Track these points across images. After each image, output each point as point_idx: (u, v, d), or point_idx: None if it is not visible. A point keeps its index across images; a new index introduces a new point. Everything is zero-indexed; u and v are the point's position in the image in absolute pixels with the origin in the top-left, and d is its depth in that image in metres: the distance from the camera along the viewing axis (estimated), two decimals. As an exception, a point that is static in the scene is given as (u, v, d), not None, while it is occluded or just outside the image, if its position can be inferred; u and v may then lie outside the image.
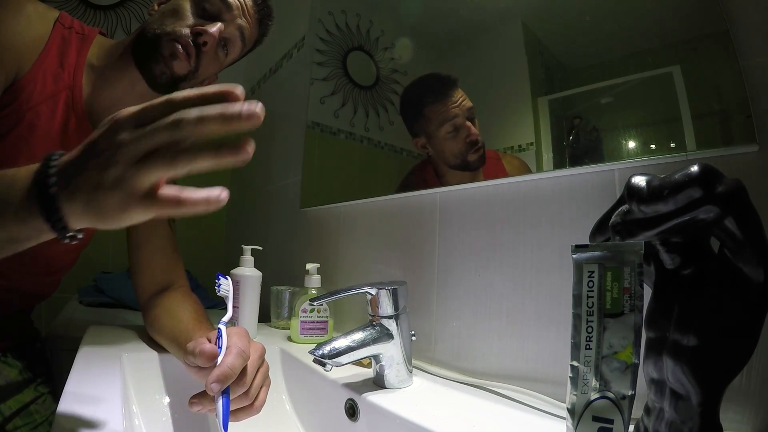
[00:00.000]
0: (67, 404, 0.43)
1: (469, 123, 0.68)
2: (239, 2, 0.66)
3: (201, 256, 1.61)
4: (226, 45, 0.67)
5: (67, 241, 0.33)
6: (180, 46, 0.61)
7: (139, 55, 0.63)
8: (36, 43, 0.60)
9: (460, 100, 0.69)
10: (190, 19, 0.63)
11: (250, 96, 1.64)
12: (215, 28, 0.63)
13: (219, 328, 0.49)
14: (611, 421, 0.32)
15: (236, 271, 0.84)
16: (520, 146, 0.60)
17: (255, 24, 0.70)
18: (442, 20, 0.77)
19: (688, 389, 0.30)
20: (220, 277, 0.59)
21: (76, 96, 0.63)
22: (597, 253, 0.33)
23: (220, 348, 0.46)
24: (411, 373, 0.57)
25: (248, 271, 0.83)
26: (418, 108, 0.78)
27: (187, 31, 0.62)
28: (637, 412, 0.36)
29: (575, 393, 0.33)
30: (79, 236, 0.34)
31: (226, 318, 0.52)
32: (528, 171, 0.57)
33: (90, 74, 0.64)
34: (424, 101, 0.77)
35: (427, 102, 0.76)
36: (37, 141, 0.60)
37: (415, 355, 0.66)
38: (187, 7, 0.64)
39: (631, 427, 0.36)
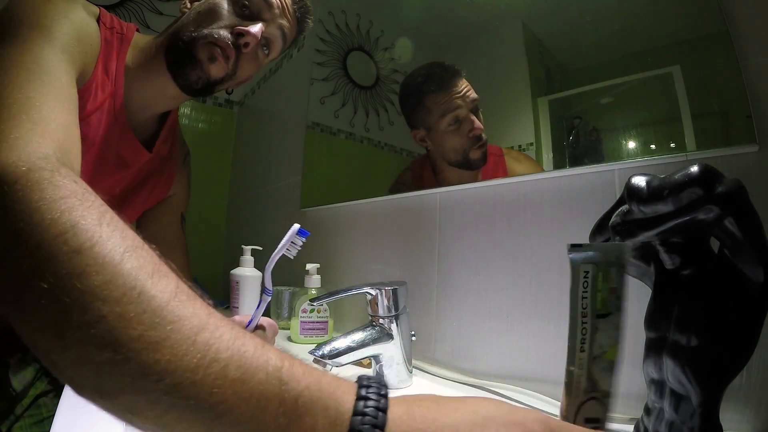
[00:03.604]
0: (68, 403, 0.43)
1: (473, 116, 0.64)
2: (280, 1, 0.63)
3: (201, 256, 1.61)
4: (267, 45, 0.64)
5: None
6: (219, 49, 0.58)
7: (172, 59, 0.59)
8: (94, 47, 0.55)
9: (464, 90, 0.65)
10: (230, 19, 0.59)
11: (250, 96, 1.64)
12: (257, 28, 0.59)
13: (264, 298, 0.49)
14: (600, 420, 0.32)
15: (236, 271, 0.84)
16: (520, 146, 0.60)
17: (295, 22, 0.67)
18: (442, 20, 0.77)
19: (688, 389, 0.30)
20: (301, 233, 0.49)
21: (117, 104, 0.59)
22: (591, 253, 0.33)
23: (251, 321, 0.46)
24: (411, 373, 0.57)
25: (248, 272, 0.83)
26: (418, 97, 0.74)
27: (226, 32, 0.59)
28: (637, 412, 0.36)
29: (568, 397, 0.33)
30: None
31: (268, 297, 0.50)
32: (536, 167, 0.57)
33: (125, 77, 0.61)
34: (425, 90, 0.72)
35: (429, 91, 0.71)
36: (84, 155, 0.58)
37: (415, 355, 0.66)
38: (225, 6, 0.60)
39: (631, 428, 0.36)
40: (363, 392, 0.24)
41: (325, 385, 0.24)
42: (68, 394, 0.45)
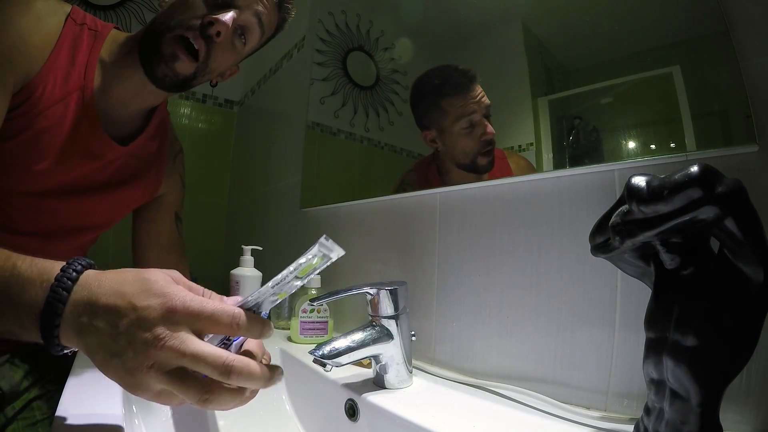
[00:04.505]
0: (68, 403, 0.43)
1: (486, 121, 0.65)
2: None
3: (201, 256, 1.61)
4: (243, 33, 0.63)
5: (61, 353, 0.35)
6: (182, 47, 0.58)
7: (142, 53, 0.60)
8: (46, 42, 0.56)
9: (480, 96, 0.67)
10: (201, 9, 0.59)
11: (250, 96, 1.64)
12: (228, 16, 0.58)
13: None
14: None
15: (236, 271, 0.84)
16: (520, 146, 0.60)
17: (273, 9, 0.66)
18: (442, 20, 0.76)
19: (688, 389, 0.30)
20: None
21: (86, 97, 0.60)
22: None
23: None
24: (411, 373, 0.57)
25: (248, 272, 0.83)
26: (434, 99, 0.74)
27: (196, 23, 0.58)
28: (637, 412, 0.36)
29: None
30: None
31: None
32: (534, 171, 0.57)
33: (101, 71, 0.61)
34: (442, 92, 0.73)
35: (446, 94, 0.72)
36: (47, 145, 0.58)
37: (415, 356, 0.66)
38: None
39: (631, 428, 0.36)
40: (70, 261, 0.35)
41: (44, 261, 0.35)
42: (68, 396, 0.45)
